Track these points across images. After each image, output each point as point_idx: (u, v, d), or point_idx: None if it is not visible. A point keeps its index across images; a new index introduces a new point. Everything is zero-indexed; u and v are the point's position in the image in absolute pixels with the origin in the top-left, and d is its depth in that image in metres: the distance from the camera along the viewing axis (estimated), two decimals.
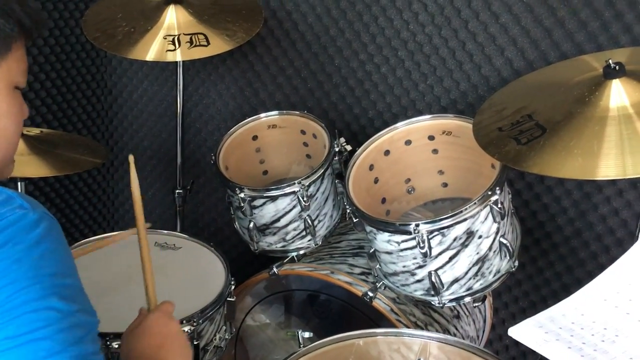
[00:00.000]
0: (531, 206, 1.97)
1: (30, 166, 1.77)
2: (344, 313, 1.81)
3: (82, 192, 2.59)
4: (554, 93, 1.43)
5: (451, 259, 1.48)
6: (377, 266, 1.62)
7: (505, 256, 1.52)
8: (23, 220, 0.84)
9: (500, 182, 1.46)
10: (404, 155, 1.74)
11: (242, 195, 1.72)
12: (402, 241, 1.48)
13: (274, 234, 1.79)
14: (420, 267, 1.50)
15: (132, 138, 2.62)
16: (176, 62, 2.02)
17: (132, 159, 1.26)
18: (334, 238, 1.92)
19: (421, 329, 1.65)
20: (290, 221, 1.76)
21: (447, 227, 1.44)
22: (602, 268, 1.11)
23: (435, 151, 1.73)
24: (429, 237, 1.45)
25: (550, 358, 0.98)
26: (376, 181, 1.72)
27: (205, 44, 1.81)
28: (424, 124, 1.71)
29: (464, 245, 1.47)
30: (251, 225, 1.78)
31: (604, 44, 1.74)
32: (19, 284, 0.81)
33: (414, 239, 1.46)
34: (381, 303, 1.65)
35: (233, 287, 1.65)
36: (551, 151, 1.28)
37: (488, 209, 1.46)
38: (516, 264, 1.55)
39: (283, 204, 1.73)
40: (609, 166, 1.21)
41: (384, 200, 1.75)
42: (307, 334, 1.51)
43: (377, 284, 1.63)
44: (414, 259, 1.49)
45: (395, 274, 1.56)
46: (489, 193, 1.45)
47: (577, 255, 1.95)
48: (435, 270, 1.49)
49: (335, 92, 2.19)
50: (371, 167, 1.71)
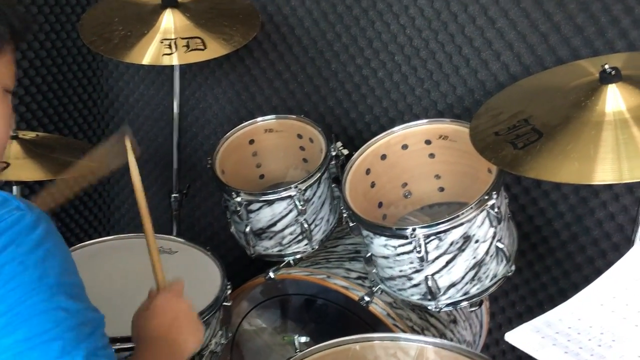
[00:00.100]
0: (528, 211, 1.97)
1: (26, 170, 1.77)
2: (340, 317, 1.80)
3: (78, 196, 2.58)
4: (550, 98, 1.43)
5: (448, 263, 1.47)
6: (374, 270, 1.62)
7: (502, 261, 1.52)
8: (22, 222, 0.84)
9: (496, 187, 1.46)
10: (401, 159, 1.74)
11: (238, 200, 1.72)
12: (399, 245, 1.48)
13: (271, 238, 1.78)
14: (417, 271, 1.50)
15: None
16: (172, 66, 2.01)
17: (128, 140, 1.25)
18: (330, 242, 1.91)
19: (418, 333, 1.64)
20: (287, 225, 1.75)
21: (444, 231, 1.44)
22: (598, 273, 1.11)
23: (431, 155, 1.73)
24: (426, 241, 1.44)
25: None
26: (373, 185, 1.72)
27: (202, 47, 1.80)
28: (420, 128, 1.71)
29: (461, 250, 1.46)
30: (247, 229, 1.77)
31: (600, 49, 1.74)
32: (27, 286, 0.81)
33: (410, 243, 1.46)
34: (378, 308, 1.65)
35: (229, 291, 1.64)
36: (548, 156, 1.28)
37: (485, 213, 1.45)
38: (513, 268, 1.54)
39: (279, 208, 1.73)
40: (606, 171, 1.21)
41: (380, 205, 1.75)
42: (303, 339, 1.50)
43: (373, 288, 1.63)
44: (411, 263, 1.49)
45: (392, 278, 1.56)
46: (486, 197, 1.45)
47: (574, 260, 1.95)
48: (432, 275, 1.49)
49: (332, 97, 2.19)
50: (368, 172, 1.70)
